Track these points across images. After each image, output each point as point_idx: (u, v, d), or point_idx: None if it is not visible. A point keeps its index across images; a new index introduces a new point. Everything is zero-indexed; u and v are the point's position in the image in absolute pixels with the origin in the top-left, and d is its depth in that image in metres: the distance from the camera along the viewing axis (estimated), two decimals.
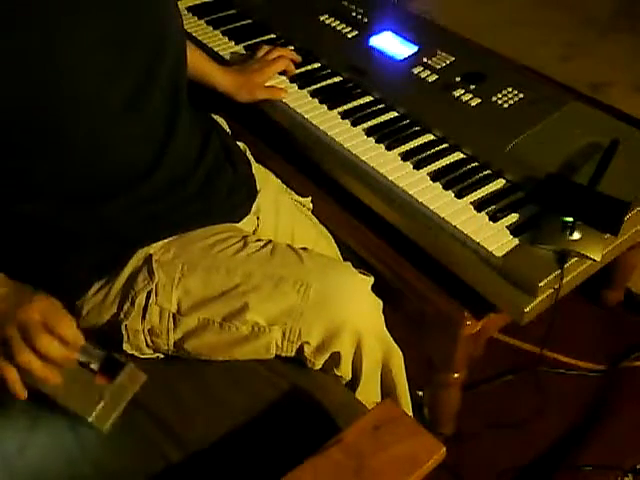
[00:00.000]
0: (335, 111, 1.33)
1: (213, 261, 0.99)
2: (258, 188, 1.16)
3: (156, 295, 0.97)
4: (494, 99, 1.30)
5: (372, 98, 1.37)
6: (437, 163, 1.22)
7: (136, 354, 1.01)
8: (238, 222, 1.10)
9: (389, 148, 1.24)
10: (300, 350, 0.99)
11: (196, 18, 1.63)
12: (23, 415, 0.94)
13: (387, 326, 1.04)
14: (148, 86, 0.94)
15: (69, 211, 0.95)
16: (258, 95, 1.36)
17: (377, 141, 1.26)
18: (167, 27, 0.97)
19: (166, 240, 1.00)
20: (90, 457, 0.91)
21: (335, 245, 1.30)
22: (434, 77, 1.37)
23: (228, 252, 1.00)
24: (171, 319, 0.98)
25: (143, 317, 0.98)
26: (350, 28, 1.53)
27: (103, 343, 1.02)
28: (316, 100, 1.37)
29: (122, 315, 0.98)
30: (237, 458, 0.91)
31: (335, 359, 1.00)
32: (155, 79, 0.95)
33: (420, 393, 1.30)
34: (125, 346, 0.99)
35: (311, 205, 1.29)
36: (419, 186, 1.17)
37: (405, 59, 1.43)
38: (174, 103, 1.00)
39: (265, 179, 1.21)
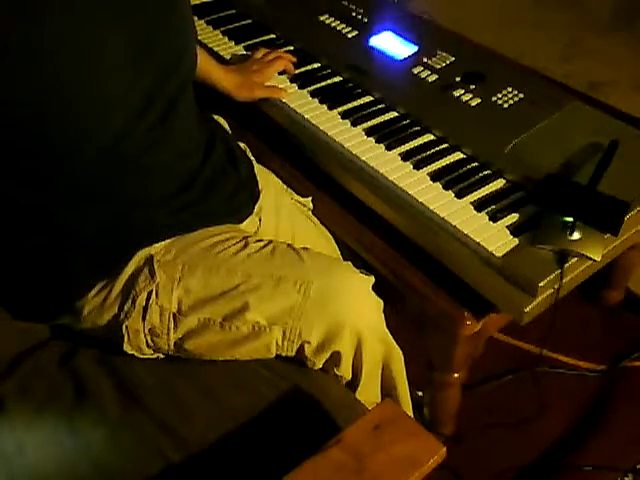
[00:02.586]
0: (335, 111, 1.34)
1: (213, 261, 0.99)
2: (260, 188, 1.16)
3: (157, 295, 0.97)
4: (494, 99, 1.30)
5: (372, 98, 1.37)
6: (437, 163, 1.22)
7: (136, 354, 1.01)
8: (241, 223, 1.10)
9: (389, 148, 1.25)
10: (300, 350, 0.99)
11: (196, 18, 1.63)
12: (22, 414, 0.94)
13: (387, 326, 1.04)
14: (164, 88, 0.94)
15: (74, 213, 0.95)
16: (258, 94, 1.36)
17: (377, 141, 1.26)
18: (188, 27, 0.99)
19: (167, 241, 1.00)
20: (90, 457, 0.91)
21: (335, 245, 1.30)
22: (434, 77, 1.37)
23: (228, 252, 1.00)
24: (171, 319, 0.98)
25: (143, 317, 0.98)
26: (350, 28, 1.53)
27: (103, 343, 1.03)
28: (316, 100, 1.37)
29: (122, 315, 0.98)
30: (237, 458, 0.91)
31: (335, 359, 1.00)
32: (170, 81, 0.95)
33: (420, 393, 1.30)
34: (125, 346, 0.99)
35: (311, 205, 1.29)
36: (419, 186, 1.17)
37: (405, 59, 1.43)
38: (184, 106, 1.00)
39: (266, 179, 1.21)
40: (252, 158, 1.22)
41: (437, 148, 1.25)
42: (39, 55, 0.82)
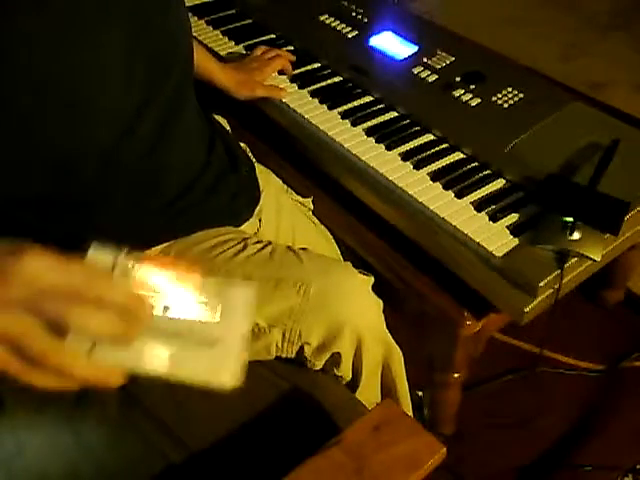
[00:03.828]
0: (335, 111, 1.34)
1: (213, 263, 0.99)
2: (260, 189, 1.16)
3: None
4: (494, 99, 1.30)
5: (372, 98, 1.37)
6: (437, 163, 1.22)
7: None
8: (240, 226, 1.10)
9: (389, 148, 1.25)
10: (300, 351, 0.99)
11: (196, 18, 1.63)
12: (22, 414, 0.94)
13: (387, 326, 1.04)
14: (162, 89, 0.94)
15: (72, 218, 0.94)
16: (258, 93, 1.36)
17: (377, 141, 1.26)
18: (182, 26, 0.98)
19: (166, 243, 1.00)
20: (90, 457, 0.90)
21: (335, 245, 1.30)
22: (434, 77, 1.37)
23: (227, 254, 1.00)
24: None
25: None
26: (350, 28, 1.53)
27: None
28: (316, 100, 1.37)
29: None
30: (237, 458, 0.91)
31: (335, 359, 1.00)
32: (168, 82, 0.95)
33: (420, 393, 1.30)
34: None
35: (312, 205, 1.29)
36: (419, 186, 1.17)
37: (405, 59, 1.43)
38: (185, 105, 1.00)
39: (266, 179, 1.21)
40: (253, 159, 1.22)
41: (437, 148, 1.25)
42: (30, 61, 0.80)
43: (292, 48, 1.51)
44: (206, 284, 0.57)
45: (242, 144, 1.23)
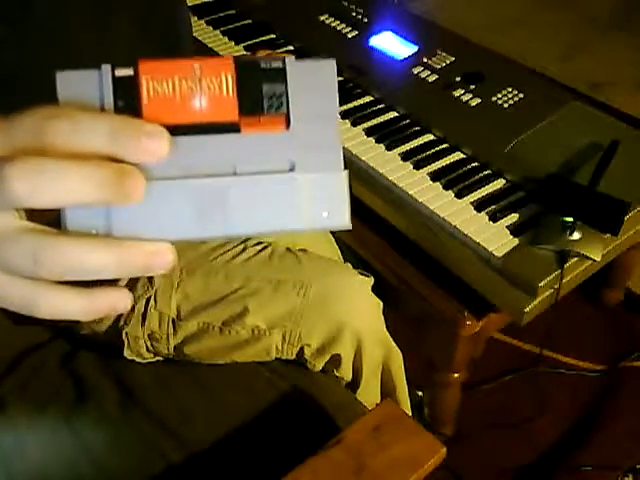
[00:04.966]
0: None
1: (212, 266, 0.99)
2: None
3: (155, 301, 0.97)
4: (494, 99, 1.30)
5: (372, 98, 1.37)
6: (437, 163, 1.22)
7: (137, 359, 1.01)
8: None
9: (389, 148, 1.25)
10: (300, 352, 0.99)
11: (196, 18, 1.63)
12: (22, 414, 0.94)
13: (387, 326, 1.04)
14: None
15: None
16: None
17: (377, 141, 1.26)
18: (184, 26, 0.98)
19: None
20: (90, 457, 0.90)
21: (336, 245, 1.30)
22: (434, 77, 1.37)
23: (227, 256, 1.00)
24: (171, 324, 0.97)
25: (143, 323, 0.97)
26: (350, 28, 1.53)
27: (103, 349, 1.03)
28: None
29: (122, 322, 0.98)
30: (237, 458, 0.91)
31: (335, 361, 1.00)
32: None
33: (420, 393, 1.30)
34: (126, 352, 0.99)
35: None
36: (419, 186, 1.17)
37: (405, 59, 1.43)
38: None
39: None
40: None
41: (437, 148, 1.25)
42: (33, 45, 0.81)
43: (292, 48, 1.51)
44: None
45: None
